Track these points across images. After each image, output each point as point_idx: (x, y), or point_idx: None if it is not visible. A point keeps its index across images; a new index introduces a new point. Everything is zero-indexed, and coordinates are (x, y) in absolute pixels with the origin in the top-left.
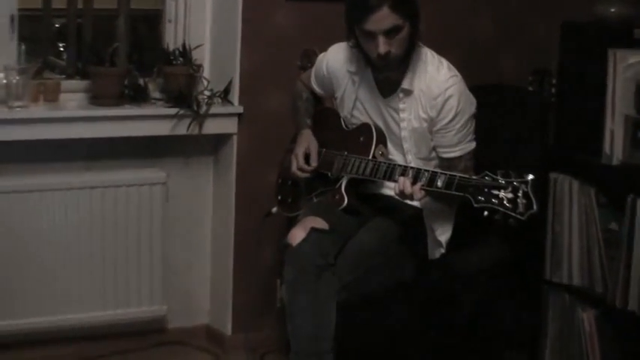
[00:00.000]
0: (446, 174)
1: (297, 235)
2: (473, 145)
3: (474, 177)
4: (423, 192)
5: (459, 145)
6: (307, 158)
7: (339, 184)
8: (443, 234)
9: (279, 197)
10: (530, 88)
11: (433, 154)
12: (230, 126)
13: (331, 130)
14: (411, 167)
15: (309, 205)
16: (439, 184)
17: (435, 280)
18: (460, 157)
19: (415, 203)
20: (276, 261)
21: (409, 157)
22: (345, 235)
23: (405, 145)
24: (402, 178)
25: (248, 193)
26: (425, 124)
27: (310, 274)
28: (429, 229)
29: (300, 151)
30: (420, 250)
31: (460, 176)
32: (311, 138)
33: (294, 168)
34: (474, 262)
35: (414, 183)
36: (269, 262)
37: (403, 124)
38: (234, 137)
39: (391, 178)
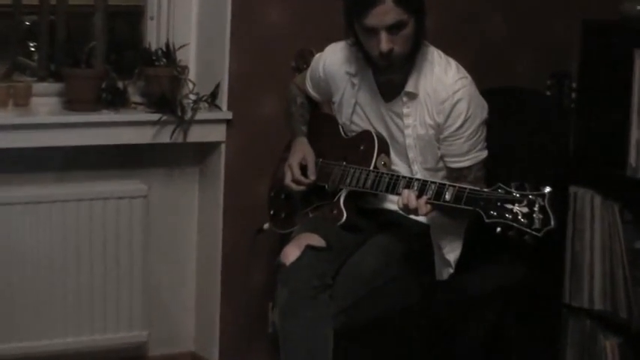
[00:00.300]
0: (454, 186)
1: (291, 254)
2: (484, 154)
3: (486, 189)
4: (429, 206)
5: (468, 154)
6: (303, 169)
7: (337, 197)
8: (451, 252)
9: (272, 212)
10: (548, 93)
11: (441, 164)
12: (218, 133)
13: (328, 138)
14: (417, 179)
15: (304, 221)
16: (447, 197)
17: (443, 304)
18: (470, 168)
19: (421, 219)
20: (267, 282)
21: (415, 168)
22: (344, 254)
23: (410, 154)
24: (406, 191)
25: (237, 208)
26: (431, 131)
27: (305, 296)
28: (437, 247)
29: (294, 161)
30: (426, 270)
31: (470, 189)
32: (307, 147)
33: (288, 180)
34: (485, 284)
35: (419, 196)
36: (260, 283)
37: (407, 131)
38: (222, 146)
39: (394, 191)
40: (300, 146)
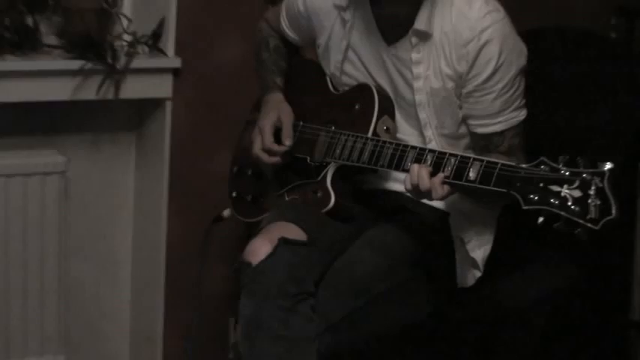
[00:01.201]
0: (481, 160)
1: (260, 250)
2: (522, 114)
3: (524, 165)
4: (447, 187)
5: (501, 114)
6: (277, 135)
7: (322, 174)
8: (478, 249)
9: (234, 194)
10: (613, 35)
11: (463, 130)
12: (161, 87)
13: (312, 94)
14: (430, 150)
15: (277, 206)
16: (471, 175)
17: (467, 320)
18: (503, 134)
19: (437, 204)
20: (228, 289)
21: (428, 134)
22: (332, 251)
23: (422, 116)
24: (416, 167)
25: (187, 188)
26: (450, 84)
27: (278, 308)
28: (458, 242)
29: (266, 124)
30: (444, 274)
31: (503, 164)
32: (283, 105)
33: (257, 149)
34: (524, 293)
35: (434, 174)
36: (217, 290)
37: (418, 85)
38: (168, 104)
39: (400, 167)
40: (274, 104)
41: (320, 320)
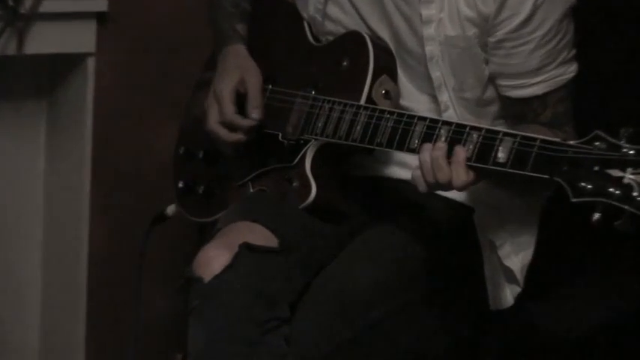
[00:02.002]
0: (515, 135)
1: (214, 261)
2: (571, 71)
3: (572, 142)
4: (471, 173)
5: (542, 71)
6: (240, 102)
7: (299, 156)
8: (515, 256)
9: (181, 184)
10: None
11: (491, 93)
12: (81, 39)
13: (284, 46)
14: (445, 122)
15: (239, 200)
16: (501, 156)
17: (503, 355)
18: (544, 98)
19: (456, 195)
20: (173, 314)
21: (443, 99)
22: (313, 262)
23: (434, 75)
24: (427, 146)
25: (116, 176)
26: (472, 30)
27: (240, 340)
28: (488, 246)
29: (225, 88)
30: (468, 291)
31: (544, 140)
32: (246, 62)
33: (212, 123)
34: (580, 317)
35: (451, 153)
36: (160, 315)
37: (428, 32)
38: (90, 62)
39: (405, 146)
40: (235, 61)
41: (296, 357)
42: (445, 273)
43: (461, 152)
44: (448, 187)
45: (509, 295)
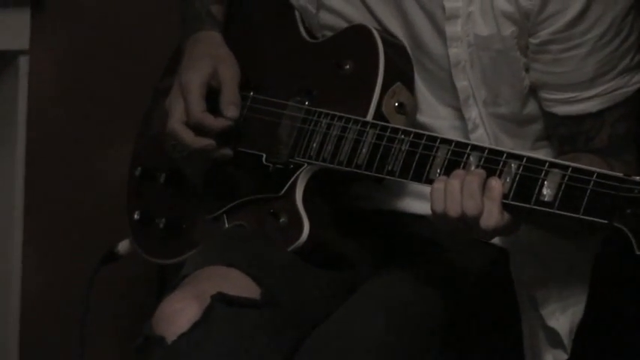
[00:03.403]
0: (566, 167)
1: (180, 315)
2: (635, 82)
3: (638, 178)
4: (506, 215)
5: (598, 82)
6: (212, 101)
7: (288, 185)
8: (562, 315)
9: (137, 215)
10: None
11: (533, 108)
12: (13, 33)
13: (272, 43)
14: (475, 146)
15: (211, 238)
16: (547, 193)
17: None
18: (601, 116)
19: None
20: None
21: (472, 115)
22: (305, 318)
23: (461, 84)
24: (459, 172)
25: (55, 204)
26: (509, 30)
27: None
28: (527, 303)
29: (193, 79)
30: (501, 358)
31: (601, 174)
32: (221, 52)
33: (174, 122)
34: None
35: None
36: None
37: (453, 30)
38: (22, 61)
39: (423, 176)
40: (207, 48)
41: None
42: (471, 336)
43: (496, 186)
44: (474, 224)
45: None
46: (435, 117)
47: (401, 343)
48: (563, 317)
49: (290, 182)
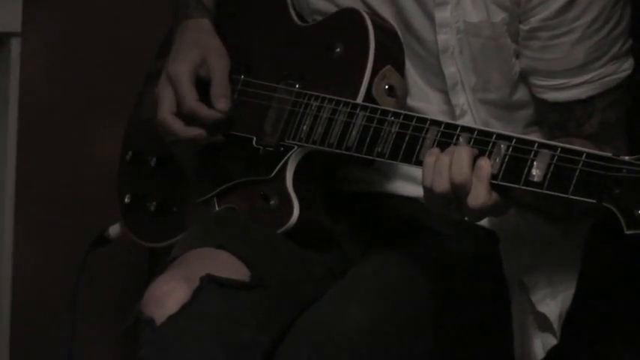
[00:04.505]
0: (555, 148)
1: (169, 297)
2: (625, 68)
3: (627, 158)
4: (494, 195)
5: (588, 68)
6: (202, 91)
7: (278, 167)
8: (552, 300)
9: (127, 199)
10: None
11: (522, 94)
12: (4, 15)
13: (262, 26)
14: (465, 127)
15: (201, 221)
16: (536, 173)
17: None
18: (591, 102)
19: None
20: None
21: (459, 102)
22: (294, 301)
23: (449, 70)
24: (444, 153)
25: (46, 189)
26: (500, 16)
27: None
28: (516, 287)
29: (182, 69)
30: (491, 342)
31: (590, 154)
32: (210, 41)
33: (164, 112)
34: None
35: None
36: None
37: (443, 15)
38: (14, 43)
39: (413, 157)
40: (196, 36)
41: None
42: (461, 319)
43: (485, 166)
44: (462, 203)
45: (540, 347)
46: (425, 101)
47: (390, 326)
48: (553, 302)
49: (280, 165)
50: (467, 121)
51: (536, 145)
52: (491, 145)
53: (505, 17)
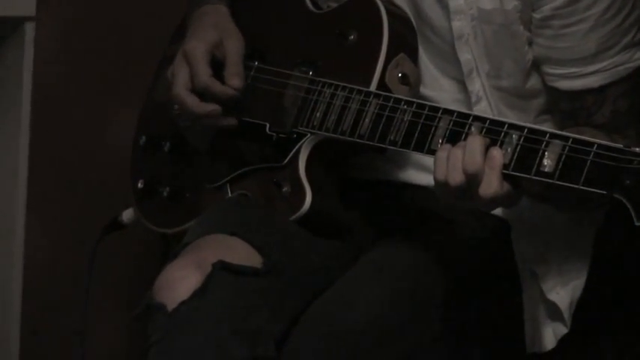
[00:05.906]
0: (567, 138)
1: (181, 283)
2: (637, 57)
3: (638, 149)
4: (506, 185)
5: (600, 57)
6: (217, 70)
7: (291, 154)
8: (562, 289)
9: (141, 184)
10: None
11: (535, 82)
12: (20, 0)
13: (276, 13)
14: (477, 117)
15: (214, 207)
16: (547, 164)
17: None
18: (602, 92)
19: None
20: (128, 347)
21: (474, 88)
22: (306, 288)
23: (464, 57)
24: (456, 147)
25: (60, 173)
26: (513, 4)
27: None
28: (527, 276)
29: (198, 46)
30: (501, 330)
31: (602, 145)
32: (227, 25)
33: (179, 88)
34: None
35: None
36: (112, 350)
37: (457, 3)
38: (28, 27)
39: (425, 146)
40: (213, 19)
41: None
42: (472, 307)
43: (497, 156)
44: (475, 193)
45: (551, 335)
46: (438, 89)
47: (402, 313)
48: (563, 291)
49: (293, 152)
50: (482, 107)
51: (547, 135)
52: (503, 134)
53: (518, 5)
